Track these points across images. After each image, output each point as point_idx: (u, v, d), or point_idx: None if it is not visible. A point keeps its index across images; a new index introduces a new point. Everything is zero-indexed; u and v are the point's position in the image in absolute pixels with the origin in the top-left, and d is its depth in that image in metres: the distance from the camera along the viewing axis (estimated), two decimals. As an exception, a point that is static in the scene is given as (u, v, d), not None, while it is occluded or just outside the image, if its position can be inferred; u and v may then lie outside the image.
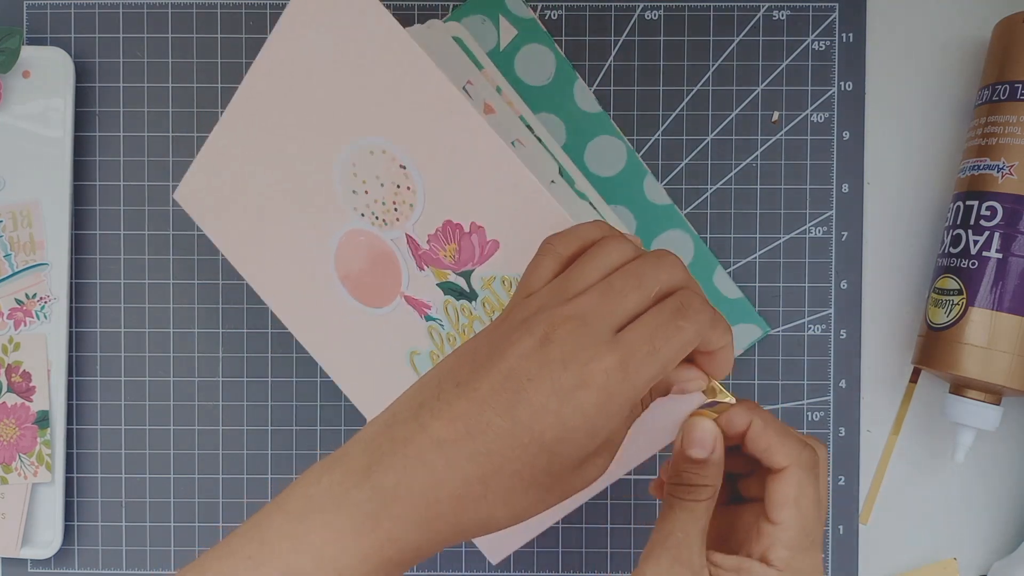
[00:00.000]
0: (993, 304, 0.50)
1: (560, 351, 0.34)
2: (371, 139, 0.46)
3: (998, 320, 0.50)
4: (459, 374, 0.35)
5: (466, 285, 0.46)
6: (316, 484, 0.34)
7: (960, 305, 0.51)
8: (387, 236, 0.47)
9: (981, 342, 0.50)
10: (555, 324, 0.34)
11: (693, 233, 0.56)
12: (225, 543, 0.34)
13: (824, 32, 0.57)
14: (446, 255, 0.46)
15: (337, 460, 0.35)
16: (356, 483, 0.34)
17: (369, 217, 0.47)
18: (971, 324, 0.51)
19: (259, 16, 0.57)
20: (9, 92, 0.56)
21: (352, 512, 0.33)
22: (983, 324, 0.50)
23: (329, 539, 0.33)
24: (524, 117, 0.54)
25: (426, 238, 0.46)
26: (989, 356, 0.50)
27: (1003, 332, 0.50)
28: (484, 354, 0.35)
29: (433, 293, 0.47)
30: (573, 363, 0.33)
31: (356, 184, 0.47)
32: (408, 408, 0.35)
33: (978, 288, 0.51)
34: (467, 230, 0.45)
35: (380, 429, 0.35)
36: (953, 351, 0.51)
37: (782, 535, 0.37)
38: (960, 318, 0.51)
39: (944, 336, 0.52)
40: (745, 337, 0.56)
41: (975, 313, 0.51)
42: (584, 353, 0.34)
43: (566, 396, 0.33)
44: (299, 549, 0.33)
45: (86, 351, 0.57)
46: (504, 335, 0.35)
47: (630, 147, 0.56)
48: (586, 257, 0.37)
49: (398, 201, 0.46)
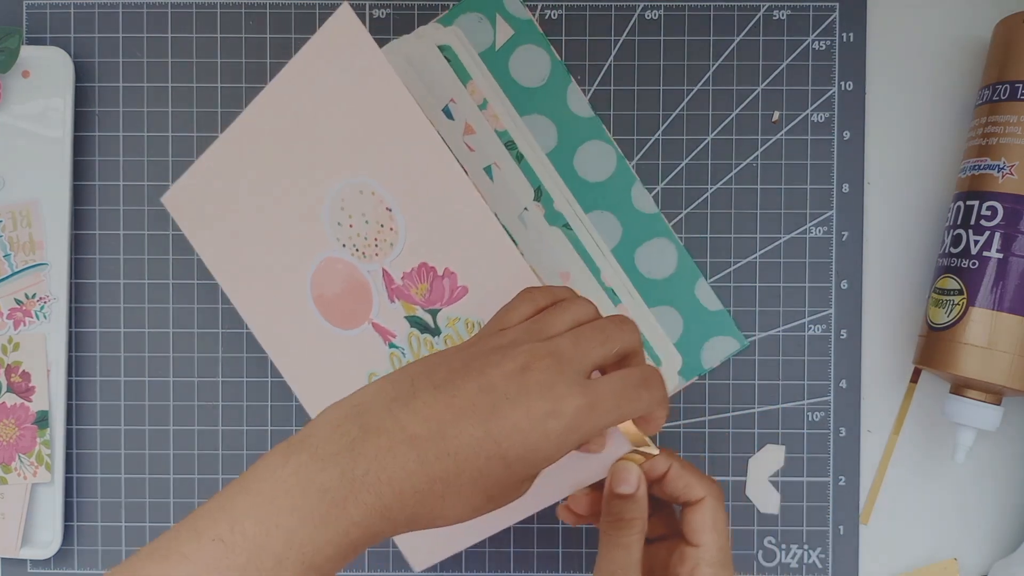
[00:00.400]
0: (994, 304, 0.50)
1: (538, 381, 0.38)
2: (363, 179, 0.49)
3: (998, 320, 0.50)
4: (435, 378, 0.38)
5: (432, 322, 0.50)
6: (283, 467, 0.35)
7: (961, 305, 0.51)
8: (364, 268, 0.51)
9: (981, 342, 0.50)
10: (536, 356, 0.38)
11: (678, 243, 0.56)
12: (190, 523, 0.35)
13: (824, 32, 0.57)
14: (417, 292, 0.50)
15: (302, 443, 0.36)
16: (323, 467, 0.35)
17: (350, 248, 0.51)
18: (971, 324, 0.51)
19: (259, 16, 0.57)
20: (9, 92, 0.56)
21: (320, 497, 0.35)
22: (983, 324, 0.50)
23: (297, 522, 0.34)
24: (509, 131, 0.54)
25: (401, 275, 0.50)
26: (989, 356, 0.50)
27: (1003, 332, 0.50)
28: (459, 366, 0.39)
29: (400, 324, 0.51)
30: (549, 394, 0.37)
31: (342, 217, 0.50)
32: (379, 400, 0.37)
33: (978, 288, 0.51)
34: (440, 274, 0.49)
35: (347, 415, 0.37)
36: (953, 351, 0.51)
37: (705, 555, 0.43)
38: (960, 318, 0.51)
39: (944, 336, 0.52)
40: (722, 350, 0.57)
41: (975, 313, 0.51)
42: (559, 388, 0.38)
43: (537, 421, 0.37)
44: (269, 532, 0.34)
45: (85, 351, 0.57)
46: (482, 355, 0.39)
47: (620, 154, 0.56)
48: (558, 308, 0.42)
49: (379, 239, 0.50)
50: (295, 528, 0.34)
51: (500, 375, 0.38)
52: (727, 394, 0.57)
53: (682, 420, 0.57)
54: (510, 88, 0.56)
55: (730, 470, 0.57)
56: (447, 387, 0.37)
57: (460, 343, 0.42)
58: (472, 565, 0.57)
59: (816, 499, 0.57)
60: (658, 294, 0.56)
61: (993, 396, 0.52)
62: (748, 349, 0.57)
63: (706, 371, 0.56)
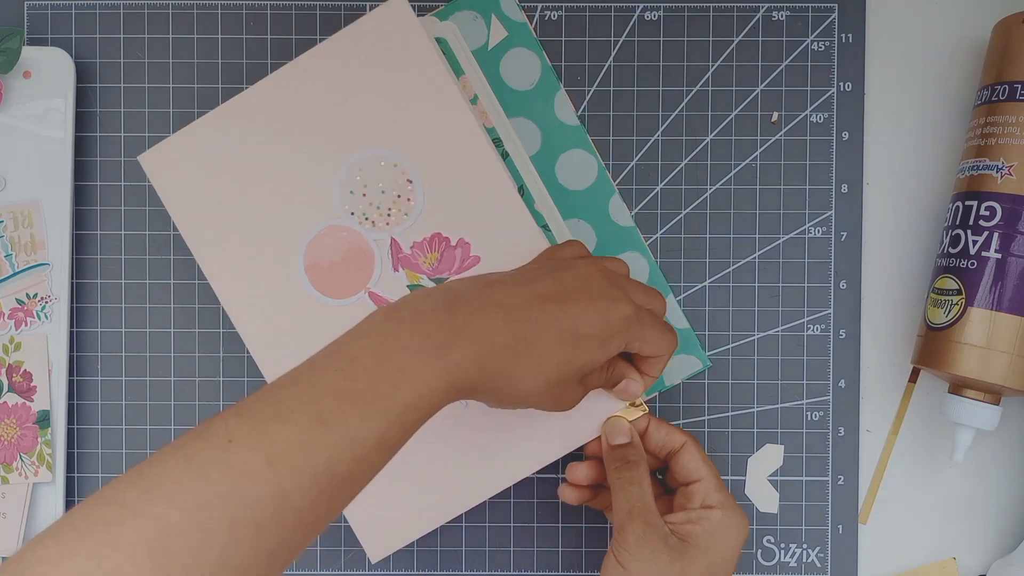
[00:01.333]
0: (992, 304, 0.51)
1: (599, 286, 0.45)
2: (385, 151, 0.52)
3: (997, 320, 0.50)
4: (510, 276, 0.45)
5: None
6: (388, 320, 0.40)
7: (959, 305, 0.51)
8: (371, 236, 0.52)
9: (980, 342, 0.50)
10: (596, 270, 0.46)
11: (650, 258, 0.57)
12: (308, 363, 0.39)
13: (823, 32, 0.57)
14: (425, 262, 0.52)
15: (401, 306, 0.41)
16: (425, 319, 0.40)
17: (359, 216, 0.52)
18: (970, 324, 0.51)
19: (259, 17, 0.57)
20: (10, 92, 0.56)
21: (424, 340, 0.39)
22: (982, 324, 0.51)
23: (408, 358, 0.39)
24: (496, 128, 0.55)
25: (411, 244, 0.52)
26: (988, 356, 0.50)
27: (1002, 332, 0.50)
28: (529, 271, 0.46)
29: (400, 292, 0.52)
30: (608, 295, 0.45)
31: (356, 186, 0.52)
32: (466, 282, 0.43)
33: (977, 288, 0.51)
34: (453, 244, 0.52)
35: (440, 289, 0.43)
36: (952, 351, 0.51)
37: (708, 484, 0.49)
38: (959, 318, 0.51)
39: (943, 336, 0.52)
40: (684, 368, 0.57)
41: (974, 313, 0.51)
42: (615, 294, 0.45)
43: (600, 312, 0.44)
44: (383, 364, 0.38)
45: (87, 351, 0.57)
46: (547, 267, 0.46)
47: (602, 164, 0.57)
48: (600, 256, 0.52)
49: (394, 209, 0.52)
50: (407, 361, 0.39)
51: (569, 277, 0.45)
52: (726, 394, 0.57)
53: (681, 419, 0.57)
54: (499, 89, 0.56)
55: (729, 469, 0.57)
56: (524, 279, 0.44)
57: (519, 267, 0.49)
58: (472, 564, 0.57)
59: (815, 498, 0.57)
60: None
61: (992, 396, 0.52)
62: (748, 349, 0.57)
63: (667, 388, 0.57)
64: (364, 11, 0.56)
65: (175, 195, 0.53)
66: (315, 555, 0.57)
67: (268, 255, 0.53)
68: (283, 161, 0.52)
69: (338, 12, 0.57)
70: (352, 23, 0.52)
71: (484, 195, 0.52)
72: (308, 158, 0.52)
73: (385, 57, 0.52)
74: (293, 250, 0.52)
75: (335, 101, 0.52)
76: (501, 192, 0.52)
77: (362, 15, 0.52)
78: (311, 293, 0.53)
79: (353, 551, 0.57)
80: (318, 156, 0.52)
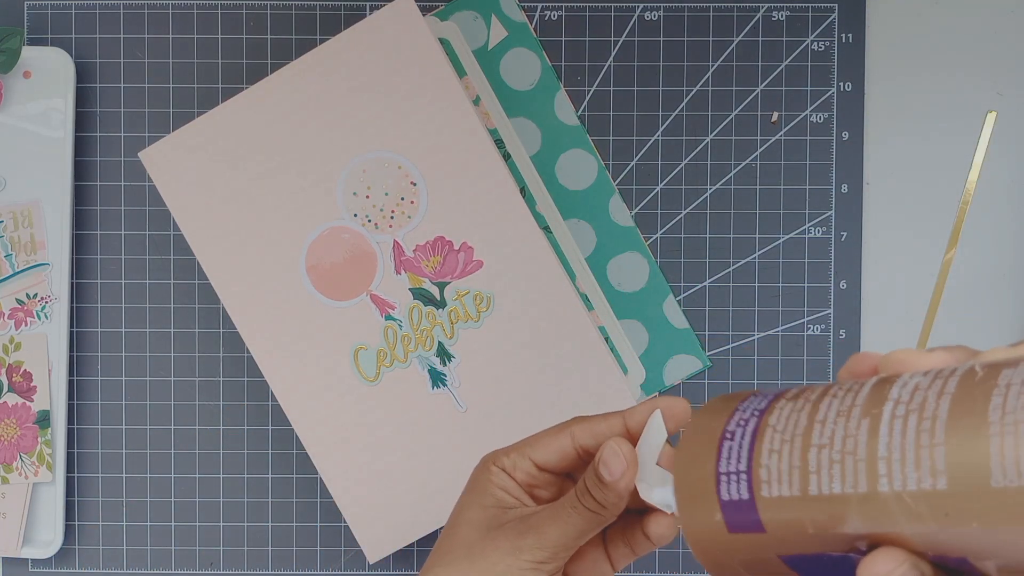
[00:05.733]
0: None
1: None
2: (390, 153, 0.52)
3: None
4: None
5: (439, 294, 0.52)
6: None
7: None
8: (374, 238, 0.52)
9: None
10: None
11: (650, 258, 0.57)
12: None
13: (823, 33, 0.57)
14: (428, 265, 0.52)
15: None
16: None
17: (361, 218, 0.52)
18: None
19: (259, 17, 0.57)
20: (10, 92, 0.56)
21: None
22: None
23: None
24: (497, 129, 0.55)
25: (413, 247, 0.52)
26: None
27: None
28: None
29: (402, 295, 0.52)
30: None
31: (359, 188, 0.52)
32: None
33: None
34: (456, 248, 0.52)
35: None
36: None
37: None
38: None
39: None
40: (684, 368, 0.57)
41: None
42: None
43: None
44: None
45: (87, 351, 0.57)
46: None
47: (602, 164, 0.57)
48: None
49: (397, 211, 0.52)
50: None
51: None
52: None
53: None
54: (499, 89, 0.56)
55: (729, 470, 0.57)
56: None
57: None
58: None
59: (815, 498, 0.57)
60: (626, 307, 0.56)
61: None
62: (748, 349, 0.57)
63: (667, 387, 0.57)
64: (364, 11, 0.56)
65: (175, 192, 0.53)
66: (315, 555, 0.57)
67: (269, 255, 0.53)
68: (286, 160, 0.52)
69: (338, 12, 0.57)
70: (358, 22, 0.52)
71: (488, 199, 0.52)
72: (311, 158, 0.52)
73: (391, 58, 0.52)
74: (295, 251, 0.52)
75: (340, 101, 0.52)
76: (505, 196, 0.52)
77: (362, 15, 0.52)
78: (312, 294, 0.53)
79: (353, 551, 0.57)
80: (322, 156, 0.52)
